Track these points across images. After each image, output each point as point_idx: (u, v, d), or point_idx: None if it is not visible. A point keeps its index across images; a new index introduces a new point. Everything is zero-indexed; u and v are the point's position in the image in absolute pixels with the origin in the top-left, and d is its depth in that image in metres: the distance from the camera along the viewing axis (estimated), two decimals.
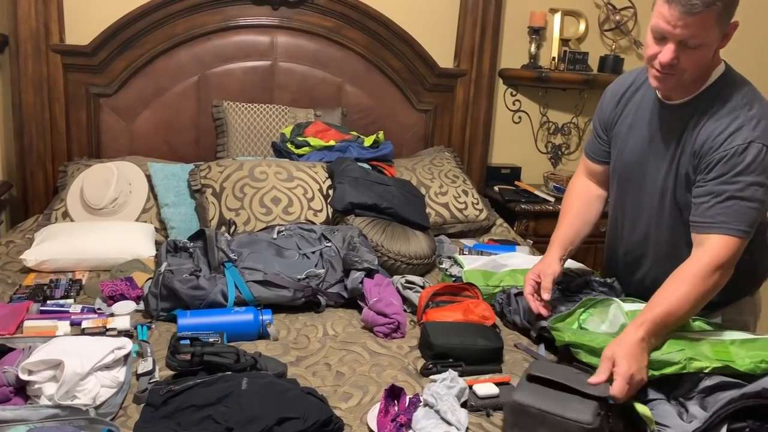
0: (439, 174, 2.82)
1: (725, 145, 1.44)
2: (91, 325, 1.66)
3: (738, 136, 1.44)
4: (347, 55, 2.97)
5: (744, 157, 1.42)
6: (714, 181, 1.46)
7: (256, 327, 1.71)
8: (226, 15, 2.82)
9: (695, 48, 1.39)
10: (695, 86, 1.52)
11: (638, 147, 1.65)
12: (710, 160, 1.47)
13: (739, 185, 1.43)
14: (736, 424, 1.26)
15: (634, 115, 1.67)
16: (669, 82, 1.48)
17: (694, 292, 1.43)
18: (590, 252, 2.91)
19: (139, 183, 2.47)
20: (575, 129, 3.43)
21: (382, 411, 1.34)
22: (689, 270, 1.45)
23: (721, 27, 1.39)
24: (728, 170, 1.44)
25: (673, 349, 1.38)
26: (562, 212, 1.88)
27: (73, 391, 1.29)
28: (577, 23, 3.28)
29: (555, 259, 1.75)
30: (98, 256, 2.11)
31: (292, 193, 2.38)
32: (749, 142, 1.42)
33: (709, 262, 1.43)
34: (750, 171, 1.42)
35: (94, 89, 2.74)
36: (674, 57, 1.41)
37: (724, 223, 1.44)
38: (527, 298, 1.71)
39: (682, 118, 1.54)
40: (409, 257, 2.20)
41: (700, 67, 1.45)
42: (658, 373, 1.36)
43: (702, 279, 1.43)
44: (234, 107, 2.79)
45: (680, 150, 1.54)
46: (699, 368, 1.34)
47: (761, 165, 1.42)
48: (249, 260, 1.92)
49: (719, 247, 1.44)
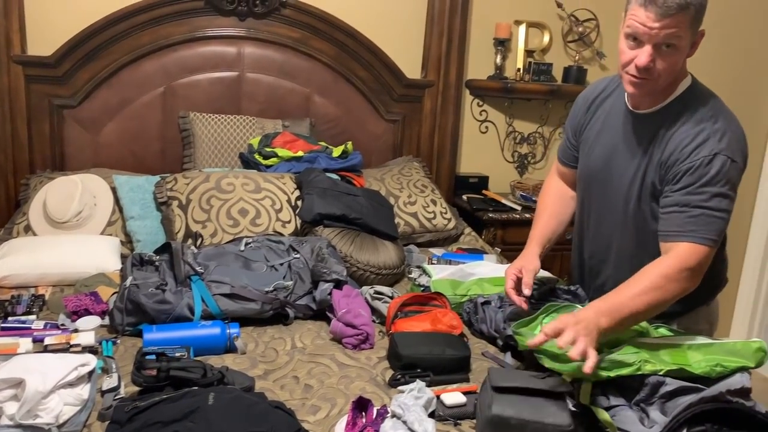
0: (407, 184, 2.84)
1: (692, 156, 1.48)
2: (55, 342, 1.63)
3: (704, 147, 1.47)
4: (315, 65, 2.98)
5: (709, 168, 1.46)
6: (680, 192, 1.50)
7: (224, 341, 1.70)
8: (193, 26, 2.81)
9: (670, 50, 1.44)
10: (663, 96, 1.56)
11: (604, 153, 1.69)
12: (677, 171, 1.50)
13: (705, 196, 1.47)
14: (695, 427, 1.29)
15: (603, 122, 1.71)
16: (645, 88, 1.51)
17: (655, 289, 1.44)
18: (556, 259, 2.95)
19: (104, 196, 2.44)
20: (541, 138, 3.49)
21: (349, 423, 1.34)
22: (655, 270, 1.47)
23: (692, 32, 1.45)
24: (694, 181, 1.48)
25: (629, 351, 1.42)
26: (538, 211, 1.92)
27: (35, 410, 1.27)
28: (541, 35, 3.34)
29: (535, 256, 1.77)
30: (62, 271, 2.07)
31: (260, 205, 2.37)
32: (714, 154, 1.46)
33: (676, 265, 1.46)
34: (715, 182, 1.46)
35: (57, 101, 2.70)
36: (651, 60, 1.45)
37: (693, 232, 1.47)
38: (508, 292, 1.71)
39: (649, 127, 1.58)
40: (378, 267, 2.21)
41: (673, 71, 1.49)
42: (614, 374, 1.38)
43: (666, 280, 1.45)
44: (201, 118, 2.78)
45: (647, 159, 1.58)
46: (653, 370, 1.37)
47: (726, 176, 1.46)
48: (216, 273, 1.91)
49: (687, 253, 1.47)
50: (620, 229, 1.69)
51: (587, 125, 1.76)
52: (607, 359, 1.41)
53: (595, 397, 1.42)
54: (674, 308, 1.61)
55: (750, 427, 1.32)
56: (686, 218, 1.48)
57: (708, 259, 1.49)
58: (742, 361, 1.39)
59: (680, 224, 1.49)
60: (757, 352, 1.43)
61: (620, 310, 1.42)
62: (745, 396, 1.34)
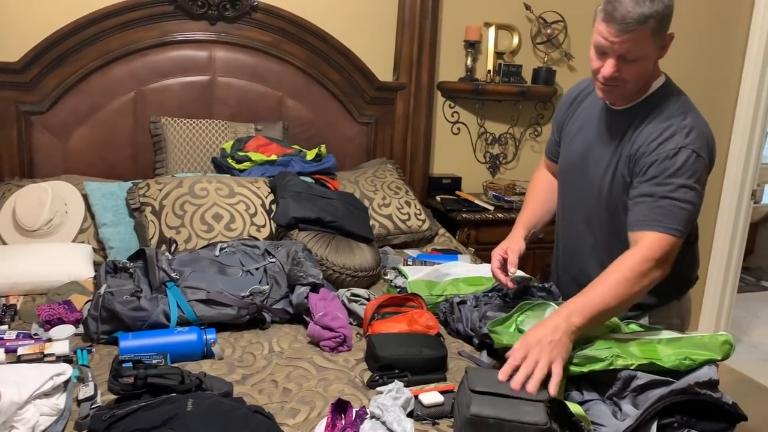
0: (381, 186, 2.86)
1: (658, 149, 1.54)
2: (28, 352, 1.60)
3: (670, 141, 1.53)
4: (287, 69, 2.98)
5: (675, 160, 1.52)
6: (647, 183, 1.55)
7: (200, 347, 1.69)
8: (163, 30, 2.79)
9: (634, 61, 1.51)
10: (638, 94, 1.63)
11: (582, 148, 1.75)
12: (644, 163, 1.56)
13: (671, 187, 1.52)
14: (665, 419, 1.33)
15: (583, 118, 1.78)
16: (614, 93, 1.60)
17: (624, 283, 1.48)
18: (529, 258, 3.00)
19: (75, 203, 2.41)
20: (512, 139, 3.54)
21: (329, 425, 1.35)
22: (623, 263, 1.51)
23: (656, 41, 1.50)
24: (660, 172, 1.53)
25: (601, 347, 1.46)
26: (527, 198, 2.00)
27: (11, 422, 1.25)
28: (510, 37, 3.39)
29: (520, 237, 1.84)
30: (33, 280, 2.04)
31: (234, 209, 2.37)
32: (680, 148, 1.52)
33: (643, 256, 1.50)
34: (680, 174, 1.51)
35: (24, 107, 2.66)
36: (615, 70, 1.52)
37: (657, 221, 1.52)
38: (494, 272, 1.76)
39: (622, 123, 1.64)
40: (354, 270, 2.22)
41: (641, 78, 1.57)
42: (587, 369, 1.43)
43: (634, 272, 1.49)
44: (172, 123, 2.76)
45: (618, 154, 1.64)
46: (624, 365, 1.41)
47: (691, 169, 1.51)
48: (191, 279, 1.90)
49: (653, 243, 1.51)
50: (593, 221, 1.75)
51: (569, 121, 1.83)
52: (579, 355, 1.44)
53: (569, 392, 1.45)
54: (649, 300, 1.67)
55: (717, 418, 1.36)
56: (652, 208, 1.53)
57: (674, 248, 1.53)
58: (710, 354, 1.43)
59: (646, 214, 1.54)
60: (723, 345, 1.48)
61: (592, 307, 1.46)
62: (712, 388, 1.39)
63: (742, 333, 3.89)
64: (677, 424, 1.33)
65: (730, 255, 3.44)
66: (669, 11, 1.48)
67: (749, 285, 4.76)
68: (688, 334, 1.56)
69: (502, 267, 1.78)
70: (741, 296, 3.98)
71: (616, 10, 1.45)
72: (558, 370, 1.36)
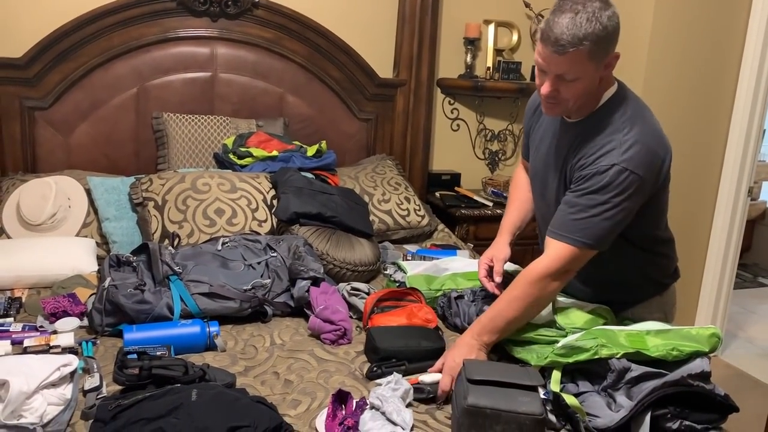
0: (381, 182, 2.88)
1: (592, 165, 1.53)
2: (34, 344, 1.64)
3: (606, 158, 1.51)
4: (288, 65, 3.01)
5: (604, 177, 1.50)
6: (573, 194, 1.57)
7: (203, 339, 1.72)
8: (165, 27, 2.81)
9: (572, 81, 1.48)
10: (588, 107, 1.59)
11: (542, 156, 1.75)
12: (578, 176, 1.57)
13: (592, 202, 1.52)
14: (659, 410, 1.36)
15: (545, 127, 1.77)
16: (555, 110, 1.59)
17: (523, 296, 1.57)
18: (527, 253, 3.01)
19: (79, 197, 2.44)
20: (511, 136, 3.56)
21: (329, 415, 1.38)
22: (524, 275, 1.60)
23: (596, 62, 1.46)
24: (587, 186, 1.53)
25: (586, 337, 1.49)
26: (509, 200, 2.01)
27: (20, 411, 1.28)
28: (510, 34, 3.42)
29: (505, 244, 1.87)
30: (38, 273, 2.07)
31: (236, 204, 2.39)
32: (612, 165, 1.49)
33: (542, 268, 1.57)
34: (606, 191, 1.50)
35: (28, 102, 2.68)
36: (553, 89, 1.51)
37: (568, 232, 1.55)
38: (481, 280, 1.82)
39: (572, 135, 1.63)
40: (354, 264, 2.25)
41: (582, 95, 1.53)
42: (572, 359, 1.47)
43: (531, 284, 1.57)
44: (174, 119, 2.79)
45: (566, 164, 1.64)
46: (610, 354, 1.45)
47: (620, 186, 1.49)
48: (194, 273, 1.93)
49: (555, 254, 1.56)
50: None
51: (534, 127, 1.83)
52: (565, 345, 1.48)
53: (564, 384, 1.49)
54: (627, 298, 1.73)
55: (710, 409, 1.40)
56: (569, 219, 1.55)
57: (578, 259, 1.56)
58: (697, 346, 1.46)
59: (560, 224, 1.57)
60: (711, 337, 1.50)
61: (496, 324, 1.59)
62: (705, 380, 1.42)
63: (738, 329, 3.92)
64: (671, 415, 1.37)
65: (726, 251, 3.46)
66: (607, 32, 1.43)
67: (746, 281, 4.78)
68: (677, 326, 1.59)
69: (489, 275, 1.81)
70: (737, 292, 4.00)
71: (552, 30, 1.43)
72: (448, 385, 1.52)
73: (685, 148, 3.24)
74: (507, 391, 1.34)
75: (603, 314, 1.69)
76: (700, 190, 3.37)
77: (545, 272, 1.56)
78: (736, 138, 3.30)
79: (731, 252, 3.47)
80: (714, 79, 3.32)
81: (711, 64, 3.33)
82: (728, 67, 3.25)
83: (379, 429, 1.33)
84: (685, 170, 3.27)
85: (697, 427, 1.37)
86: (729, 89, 3.28)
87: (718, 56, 3.31)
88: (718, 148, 3.27)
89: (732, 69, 3.23)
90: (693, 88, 3.32)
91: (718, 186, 3.37)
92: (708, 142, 3.28)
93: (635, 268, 1.69)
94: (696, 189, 3.36)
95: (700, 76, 3.32)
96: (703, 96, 3.29)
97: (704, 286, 3.54)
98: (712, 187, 3.35)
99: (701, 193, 3.37)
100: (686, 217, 3.40)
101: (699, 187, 3.36)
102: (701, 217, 3.41)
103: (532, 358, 1.55)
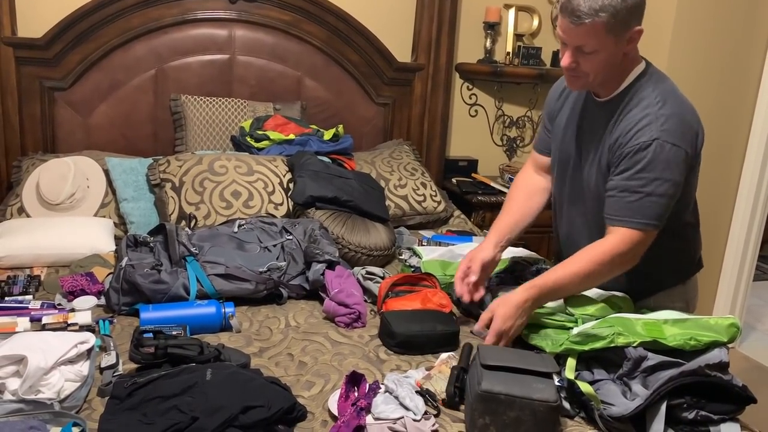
0: (398, 167, 2.87)
1: (632, 141, 1.53)
2: (52, 321, 1.66)
3: (644, 133, 1.51)
4: (306, 48, 2.99)
5: (646, 153, 1.50)
6: (620, 176, 1.55)
7: (219, 319, 1.73)
8: (183, 8, 2.81)
9: (591, 54, 1.50)
10: (615, 84, 1.60)
11: (572, 139, 1.74)
12: (619, 155, 1.56)
13: (642, 181, 1.51)
14: (675, 400, 1.35)
15: (572, 110, 1.77)
16: (577, 83, 1.61)
17: (585, 272, 1.57)
18: (543, 241, 3.00)
19: (97, 178, 2.46)
20: (529, 122, 3.53)
21: (342, 396, 1.38)
22: (590, 251, 1.58)
23: (615, 35, 1.47)
24: (632, 166, 1.52)
25: (603, 325, 1.48)
26: (505, 202, 1.97)
27: (37, 386, 1.30)
28: (530, 19, 3.37)
29: (490, 245, 1.81)
30: (57, 252, 2.09)
31: (253, 187, 2.40)
32: (653, 140, 1.49)
33: (609, 249, 1.56)
34: (653, 167, 1.50)
35: (48, 83, 2.70)
36: (572, 61, 1.53)
37: (629, 217, 1.54)
38: (455, 281, 1.77)
39: (605, 114, 1.63)
40: (370, 249, 2.25)
41: (602, 69, 1.54)
42: (588, 347, 1.46)
43: (596, 263, 1.56)
44: (192, 101, 2.79)
45: (602, 145, 1.63)
46: (626, 343, 1.43)
47: (664, 161, 1.49)
48: (210, 254, 1.94)
49: (621, 238, 1.55)
50: (588, 212, 1.74)
51: (559, 112, 1.82)
52: (581, 333, 1.47)
53: (579, 371, 1.47)
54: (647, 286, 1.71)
55: (727, 400, 1.38)
56: (624, 203, 1.54)
57: (644, 243, 1.55)
58: (716, 336, 1.44)
59: (618, 209, 1.56)
60: (729, 327, 1.48)
61: (550, 290, 1.59)
62: (722, 370, 1.40)
63: (757, 321, 3.88)
64: (687, 404, 1.35)
65: (747, 243, 3.41)
66: (626, 5, 1.44)
67: (766, 273, 4.72)
68: (695, 316, 1.58)
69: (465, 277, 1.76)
70: (757, 284, 3.95)
71: (570, 2, 1.45)
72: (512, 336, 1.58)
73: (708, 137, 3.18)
74: (521, 378, 1.33)
75: (618, 302, 1.67)
76: (722, 181, 3.31)
77: (614, 252, 1.55)
78: (760, 127, 3.24)
79: (751, 243, 3.42)
80: (737, 70, 3.26)
81: (733, 57, 3.26)
82: (752, 59, 3.19)
83: (392, 412, 1.34)
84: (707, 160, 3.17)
85: (714, 417, 1.35)
86: (753, 80, 3.23)
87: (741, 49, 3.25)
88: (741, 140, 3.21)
89: (756, 60, 3.17)
90: (715, 80, 3.26)
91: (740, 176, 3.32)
92: (730, 133, 3.21)
93: (662, 254, 1.65)
94: (717, 180, 3.31)
95: (722, 69, 3.26)
96: (725, 87, 3.23)
97: (723, 277, 3.50)
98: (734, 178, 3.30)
99: (722, 184, 3.32)
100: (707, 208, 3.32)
101: (720, 178, 3.31)
102: (721, 207, 3.36)
103: (547, 345, 1.53)
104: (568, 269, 1.59)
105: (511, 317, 1.56)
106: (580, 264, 1.58)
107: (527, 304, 1.57)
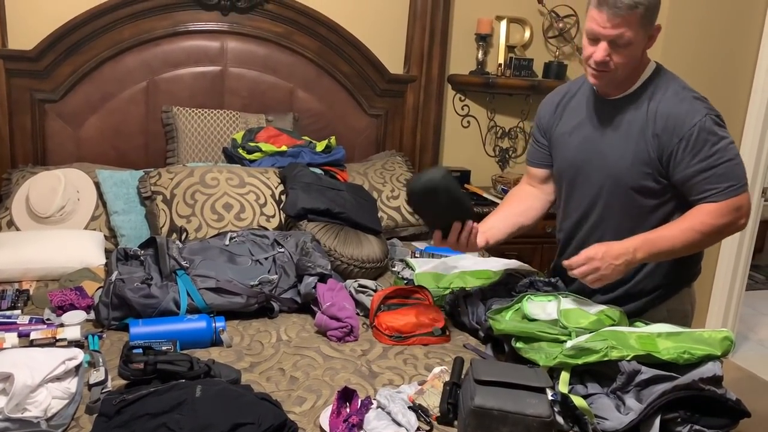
0: (390, 178, 2.87)
1: (684, 127, 1.61)
2: (41, 336, 1.64)
3: (691, 116, 1.61)
4: (298, 60, 2.99)
5: (703, 131, 1.60)
6: (696, 162, 1.62)
7: (209, 334, 1.72)
8: (175, 20, 2.81)
9: (624, 47, 1.58)
10: (629, 83, 1.70)
11: (586, 143, 1.77)
12: (680, 145, 1.61)
13: (717, 154, 1.60)
14: (669, 414, 1.34)
15: (574, 117, 1.81)
16: (604, 79, 1.67)
17: (701, 228, 1.61)
18: (536, 252, 3.00)
19: (87, 190, 2.44)
20: (521, 133, 3.53)
21: (334, 412, 1.37)
22: (699, 212, 1.62)
23: (645, 28, 1.59)
24: (701, 147, 1.60)
25: (596, 339, 1.47)
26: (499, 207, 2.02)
27: (24, 404, 1.28)
28: (522, 30, 3.38)
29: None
30: (46, 266, 2.08)
31: (244, 199, 2.39)
32: (704, 115, 1.61)
33: (720, 211, 1.61)
34: (716, 139, 1.60)
35: (38, 95, 2.69)
36: (606, 55, 1.60)
37: (724, 189, 1.61)
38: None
39: (629, 108, 1.70)
40: (362, 261, 2.24)
41: (630, 64, 1.63)
42: (581, 361, 1.45)
43: (706, 225, 1.61)
44: (184, 113, 2.78)
45: (637, 135, 1.67)
46: (620, 356, 1.42)
47: (718, 128, 1.62)
48: (201, 267, 1.92)
49: (729, 207, 1.62)
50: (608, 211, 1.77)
51: (557, 125, 1.86)
52: (574, 347, 1.46)
53: (573, 385, 1.47)
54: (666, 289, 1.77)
55: (721, 414, 1.37)
56: (713, 179, 1.61)
57: (744, 206, 1.64)
58: (709, 349, 1.44)
59: (710, 188, 1.62)
60: (723, 341, 1.48)
61: (659, 248, 1.61)
62: (716, 384, 1.39)
63: (749, 330, 3.89)
64: (681, 419, 1.34)
65: (739, 252, 3.42)
66: (657, 2, 1.58)
67: (758, 283, 4.73)
68: (688, 329, 1.58)
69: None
70: (749, 294, 3.96)
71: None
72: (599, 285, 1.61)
73: None
74: (515, 393, 1.32)
75: (611, 316, 1.66)
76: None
77: (734, 207, 1.61)
78: (750, 137, 3.26)
79: (743, 253, 3.43)
80: (728, 78, 3.27)
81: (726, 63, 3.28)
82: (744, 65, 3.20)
83: (384, 429, 1.32)
84: None
85: (707, 431, 1.35)
86: (744, 89, 3.24)
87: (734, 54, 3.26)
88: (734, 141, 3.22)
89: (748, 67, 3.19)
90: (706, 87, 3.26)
91: None
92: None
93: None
94: None
95: (715, 75, 3.27)
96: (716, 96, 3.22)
97: (716, 287, 3.51)
98: None
99: None
100: None
101: None
102: None
103: (540, 358, 1.52)
104: (677, 226, 1.63)
105: (609, 255, 1.57)
106: (690, 221, 1.62)
107: (630, 249, 1.58)
